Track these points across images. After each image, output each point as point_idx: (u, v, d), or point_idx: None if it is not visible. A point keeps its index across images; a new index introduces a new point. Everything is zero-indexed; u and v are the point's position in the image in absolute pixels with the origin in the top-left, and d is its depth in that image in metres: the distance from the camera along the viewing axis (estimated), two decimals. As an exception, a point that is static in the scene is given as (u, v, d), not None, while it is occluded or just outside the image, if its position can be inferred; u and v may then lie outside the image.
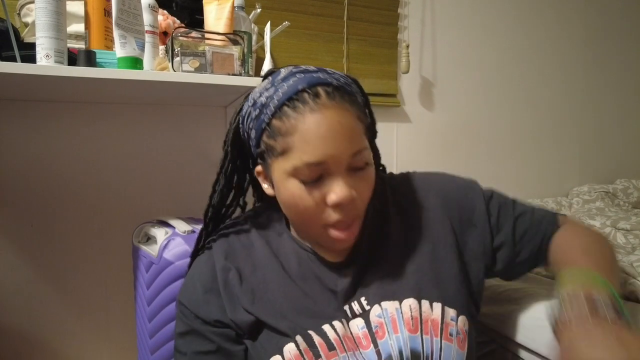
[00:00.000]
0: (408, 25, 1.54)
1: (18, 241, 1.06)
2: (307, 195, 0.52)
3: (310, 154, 0.50)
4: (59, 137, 1.09)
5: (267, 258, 0.60)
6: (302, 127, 0.50)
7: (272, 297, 0.57)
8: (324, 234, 0.55)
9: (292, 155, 0.51)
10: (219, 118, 1.25)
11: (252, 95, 0.57)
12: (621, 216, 1.23)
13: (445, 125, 1.63)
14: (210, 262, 0.61)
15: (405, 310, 0.55)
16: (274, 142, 0.53)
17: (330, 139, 0.50)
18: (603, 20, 1.92)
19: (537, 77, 1.80)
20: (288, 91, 0.52)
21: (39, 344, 1.09)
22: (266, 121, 0.53)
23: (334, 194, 0.51)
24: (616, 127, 1.98)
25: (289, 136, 0.51)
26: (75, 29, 0.92)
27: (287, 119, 0.51)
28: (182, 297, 0.62)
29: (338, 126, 0.51)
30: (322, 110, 0.51)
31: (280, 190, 0.55)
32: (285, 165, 0.52)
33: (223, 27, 0.93)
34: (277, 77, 0.55)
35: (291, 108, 0.51)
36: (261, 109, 0.54)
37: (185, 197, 1.21)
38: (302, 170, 0.51)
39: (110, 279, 1.14)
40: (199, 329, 0.59)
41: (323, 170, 0.51)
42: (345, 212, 0.53)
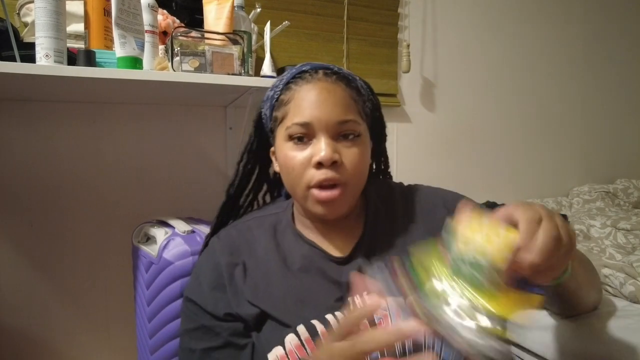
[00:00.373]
0: (408, 25, 1.54)
1: (18, 241, 1.06)
2: (296, 154, 0.59)
3: (299, 115, 0.58)
4: (59, 137, 1.09)
5: (271, 252, 0.63)
6: (297, 95, 0.60)
7: (275, 289, 0.59)
8: (307, 196, 0.59)
9: (287, 119, 0.60)
10: (219, 118, 1.25)
11: (274, 81, 0.66)
12: (621, 216, 1.23)
13: (445, 126, 1.63)
14: (214, 260, 0.63)
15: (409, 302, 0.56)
16: (278, 112, 0.62)
17: (316, 103, 0.58)
18: (603, 20, 1.92)
19: (537, 77, 1.80)
20: (294, 71, 0.62)
21: (39, 344, 1.09)
22: (275, 97, 0.62)
23: (319, 153, 0.57)
24: (616, 127, 1.98)
25: (288, 104, 0.60)
26: (74, 28, 0.92)
27: (289, 91, 0.61)
28: (190, 293, 0.63)
29: (326, 94, 0.59)
30: (316, 82, 0.60)
31: (279, 155, 0.61)
32: (282, 130, 0.60)
33: (223, 27, 0.93)
34: (294, 67, 0.65)
35: (293, 83, 0.61)
36: (274, 89, 0.63)
37: (185, 197, 1.21)
38: (292, 130, 0.58)
39: (110, 279, 1.14)
40: (208, 325, 0.60)
41: (309, 131, 0.58)
42: (327, 173, 0.57)
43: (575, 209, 1.58)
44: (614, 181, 1.80)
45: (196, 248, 0.78)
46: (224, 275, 0.61)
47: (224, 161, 1.26)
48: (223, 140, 1.26)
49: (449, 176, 1.60)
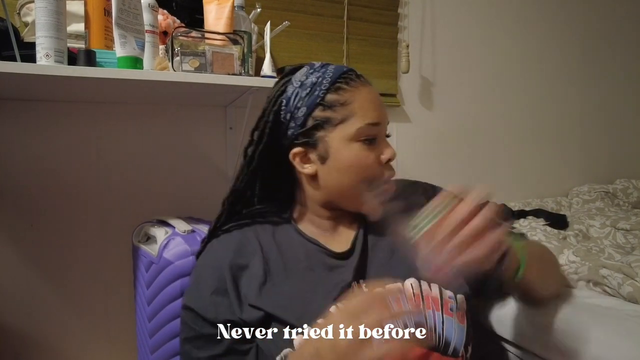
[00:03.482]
0: (408, 25, 1.54)
1: (18, 241, 1.06)
2: (367, 155, 0.61)
3: (370, 116, 0.61)
4: (59, 136, 1.09)
5: (273, 251, 0.63)
6: (360, 97, 0.61)
7: (279, 290, 0.59)
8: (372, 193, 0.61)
9: (353, 120, 0.60)
10: (219, 118, 1.25)
11: (296, 78, 0.64)
12: (621, 216, 1.23)
13: (444, 125, 1.63)
14: (214, 262, 0.62)
15: (407, 288, 0.60)
16: (332, 113, 0.61)
17: (379, 105, 0.63)
18: (603, 20, 1.92)
19: (536, 76, 1.80)
20: (336, 72, 0.63)
21: (39, 344, 1.09)
22: (321, 96, 0.61)
23: (388, 151, 0.62)
24: (616, 127, 1.98)
25: (348, 105, 0.61)
26: (75, 28, 0.92)
27: (344, 92, 0.61)
28: (189, 301, 0.62)
29: (380, 98, 0.64)
30: (368, 85, 0.64)
31: (340, 156, 0.61)
32: (347, 131, 0.60)
33: (223, 27, 0.93)
34: (314, 66, 0.64)
35: (344, 84, 0.62)
36: (312, 87, 0.62)
37: (185, 197, 1.21)
38: (364, 131, 0.60)
39: (110, 279, 1.14)
40: (209, 333, 0.59)
41: (377, 132, 0.62)
42: (392, 169, 0.64)
43: (575, 209, 1.58)
44: (614, 181, 1.80)
45: (196, 248, 0.78)
46: (226, 278, 0.60)
47: (224, 161, 1.26)
48: (223, 140, 1.26)
49: (449, 176, 1.60)
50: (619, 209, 1.46)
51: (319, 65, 0.64)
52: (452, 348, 0.58)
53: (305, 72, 0.64)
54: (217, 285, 0.60)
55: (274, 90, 0.66)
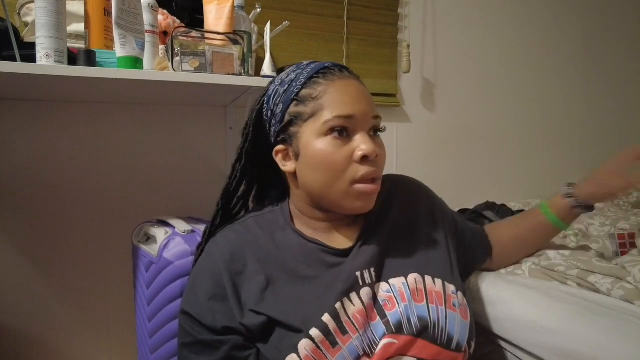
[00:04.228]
0: (408, 25, 1.54)
1: (18, 241, 1.06)
2: (337, 150, 0.57)
3: (340, 108, 0.57)
4: (59, 137, 1.09)
5: (273, 254, 0.61)
6: (333, 89, 0.59)
7: (280, 293, 0.57)
8: (350, 192, 0.59)
9: (323, 113, 0.58)
10: (219, 118, 1.25)
11: (278, 77, 0.65)
12: (621, 216, 1.23)
13: (445, 126, 1.63)
14: (211, 267, 0.60)
15: (411, 282, 0.60)
16: (304, 108, 0.59)
17: (356, 98, 0.59)
18: (603, 20, 1.92)
19: (537, 77, 1.80)
20: (316, 67, 0.61)
21: (39, 344, 1.09)
22: (295, 92, 0.60)
23: (363, 147, 0.57)
24: (616, 127, 1.98)
25: (319, 99, 0.58)
26: (75, 28, 0.92)
27: (318, 86, 0.59)
28: (186, 306, 0.61)
29: (362, 91, 0.61)
30: (348, 79, 0.61)
31: (309, 152, 0.59)
32: (316, 125, 0.58)
33: (223, 27, 0.93)
34: (301, 64, 0.63)
35: (321, 78, 0.60)
36: (290, 83, 0.61)
37: (185, 197, 1.21)
38: (332, 123, 0.57)
39: (110, 278, 1.14)
40: (205, 339, 0.58)
41: (351, 126, 0.58)
42: (371, 167, 0.58)
43: (575, 209, 1.58)
44: (614, 181, 1.80)
45: (196, 248, 0.78)
46: (224, 283, 0.58)
47: (224, 161, 1.26)
48: (223, 140, 1.26)
49: (449, 176, 1.60)
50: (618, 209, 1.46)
51: (305, 64, 0.63)
52: (456, 343, 0.57)
53: (289, 71, 0.63)
54: (214, 292, 0.58)
55: (262, 92, 0.67)
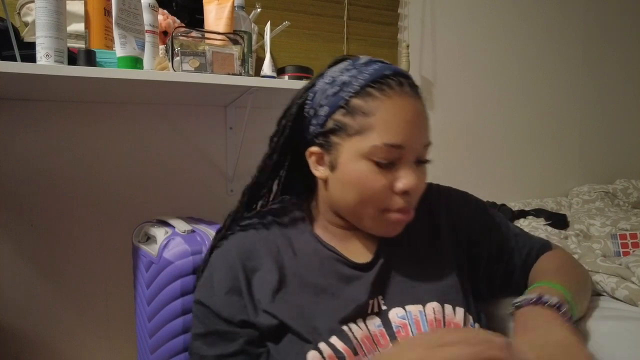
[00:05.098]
0: (408, 25, 1.54)
1: (18, 241, 1.06)
2: (377, 178, 0.53)
3: (391, 135, 0.52)
4: (59, 137, 1.09)
5: (289, 258, 0.59)
6: (387, 109, 0.52)
7: (290, 298, 0.56)
8: (380, 218, 0.56)
9: (370, 134, 0.52)
10: (219, 118, 1.25)
11: (330, 73, 0.58)
12: (621, 216, 1.23)
13: (444, 126, 1.63)
14: (229, 261, 0.59)
15: (429, 312, 0.56)
16: (351, 120, 0.53)
17: (411, 124, 0.53)
18: (603, 20, 1.92)
19: (537, 77, 1.80)
20: (374, 74, 0.54)
21: (39, 344, 1.08)
22: (346, 98, 0.54)
23: (406, 181, 0.53)
24: (616, 127, 1.98)
25: (370, 116, 0.52)
26: (75, 28, 0.92)
27: (372, 99, 0.53)
28: (202, 297, 0.59)
29: (419, 114, 0.54)
30: (407, 97, 0.53)
31: (347, 170, 0.54)
32: (361, 145, 0.53)
33: (223, 27, 0.93)
34: (358, 61, 0.57)
35: (377, 90, 0.53)
36: (341, 86, 0.54)
37: (185, 197, 1.21)
38: (379, 151, 0.52)
39: (110, 278, 1.14)
40: (222, 330, 0.56)
41: (398, 155, 0.53)
42: (409, 200, 0.55)
43: (575, 209, 1.58)
44: (614, 181, 1.80)
45: (196, 248, 0.78)
46: (240, 278, 0.57)
47: (224, 161, 1.26)
48: (223, 140, 1.26)
49: (448, 176, 1.59)
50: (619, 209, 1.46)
51: (363, 62, 0.56)
52: None
53: (342, 68, 0.57)
54: (231, 285, 0.57)
55: (307, 83, 0.61)
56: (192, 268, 0.75)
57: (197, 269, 0.74)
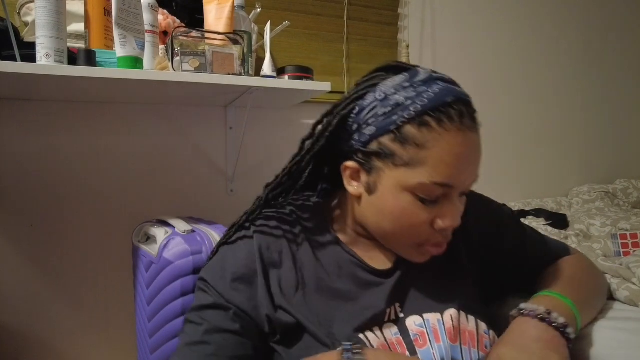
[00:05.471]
0: (408, 25, 1.54)
1: (18, 241, 1.06)
2: (419, 213, 0.50)
3: (443, 175, 0.48)
4: (59, 136, 1.09)
5: (310, 264, 0.57)
6: (444, 145, 0.47)
7: (308, 299, 0.54)
8: (412, 248, 0.54)
9: (420, 169, 0.48)
10: (219, 118, 1.25)
11: (383, 88, 0.52)
12: (621, 216, 1.23)
13: (445, 125, 1.63)
14: (248, 251, 0.56)
15: (447, 320, 0.54)
16: (400, 149, 0.49)
17: (466, 164, 0.49)
18: (603, 20, 1.92)
19: (537, 77, 1.80)
20: (435, 100, 0.48)
21: (39, 343, 1.08)
22: (398, 123, 0.49)
23: (449, 220, 0.50)
24: (616, 127, 1.98)
25: (424, 149, 0.48)
26: (75, 28, 0.92)
27: (428, 131, 0.48)
28: (207, 276, 0.57)
29: (476, 152, 0.50)
30: (467, 132, 0.48)
31: (387, 199, 0.51)
32: (407, 178, 0.49)
33: (223, 27, 0.93)
34: (416, 77, 0.51)
35: (435, 120, 0.48)
36: (394, 108, 0.49)
37: (185, 197, 1.21)
38: (426, 189, 0.49)
39: (110, 278, 1.14)
40: (225, 306, 0.53)
41: (445, 192, 0.50)
42: (447, 234, 0.53)
43: (575, 209, 1.58)
44: (614, 181, 1.80)
45: (196, 248, 0.78)
46: (256, 268, 0.54)
47: (224, 161, 1.26)
48: (223, 140, 1.26)
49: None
50: (619, 209, 1.46)
51: (421, 80, 0.50)
52: None
53: (398, 84, 0.51)
54: (242, 273, 0.54)
55: (355, 89, 0.55)
56: (192, 268, 0.75)
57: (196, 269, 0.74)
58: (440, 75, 0.52)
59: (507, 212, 0.71)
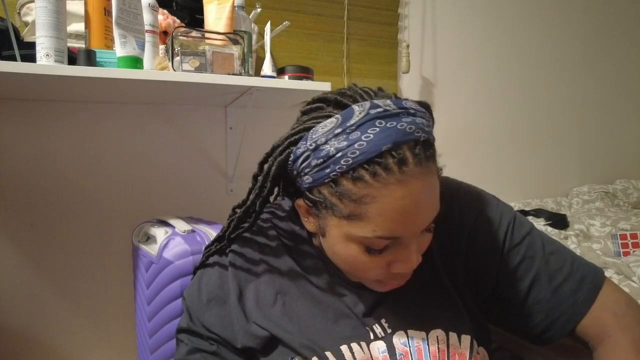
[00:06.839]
0: (408, 25, 1.54)
1: (18, 241, 1.06)
2: (368, 262, 0.47)
3: (386, 229, 0.44)
4: (59, 136, 1.09)
5: (290, 272, 0.56)
6: (383, 200, 0.42)
7: (290, 312, 0.54)
8: (371, 284, 0.52)
9: (362, 224, 0.44)
10: (219, 118, 1.25)
11: (314, 135, 0.46)
12: (621, 216, 1.23)
13: (444, 126, 1.63)
14: (222, 272, 0.57)
15: (432, 341, 0.52)
16: (339, 203, 0.45)
17: (413, 215, 0.44)
18: (603, 20, 1.92)
19: (537, 77, 1.80)
20: (368, 151, 0.42)
21: (39, 344, 1.08)
22: (332, 177, 0.44)
23: (402, 266, 0.47)
24: (616, 127, 1.98)
25: (363, 205, 0.43)
26: (75, 28, 0.92)
27: (364, 186, 0.42)
28: (187, 296, 0.59)
29: (425, 199, 0.44)
30: (409, 182, 0.42)
31: (335, 244, 0.49)
32: (350, 230, 0.45)
33: (223, 27, 0.93)
34: (349, 121, 0.43)
35: (371, 174, 0.42)
36: (326, 160, 0.44)
37: (185, 197, 1.21)
38: (371, 242, 0.45)
39: (110, 278, 1.14)
40: (199, 332, 0.57)
41: (395, 242, 0.46)
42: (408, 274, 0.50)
43: (575, 209, 1.58)
44: (614, 181, 1.81)
45: (196, 248, 0.78)
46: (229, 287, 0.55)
47: (224, 161, 1.26)
48: (223, 140, 1.26)
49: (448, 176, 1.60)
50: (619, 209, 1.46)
51: (354, 124, 0.43)
52: None
53: (329, 131, 0.44)
54: (215, 294, 0.56)
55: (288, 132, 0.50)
56: (192, 268, 0.75)
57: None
58: (382, 108, 0.44)
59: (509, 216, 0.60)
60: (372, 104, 0.44)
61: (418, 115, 0.45)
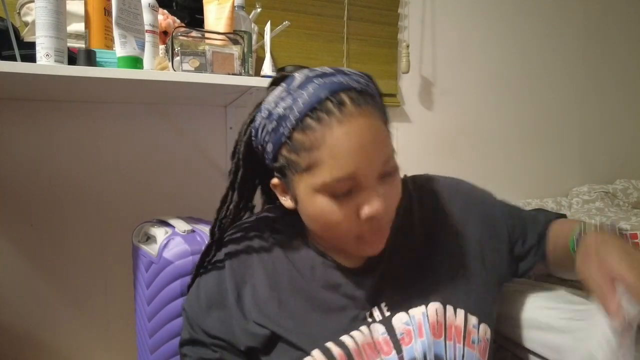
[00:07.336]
0: (408, 25, 1.54)
1: (18, 241, 1.06)
2: (337, 210, 0.49)
3: (340, 168, 0.47)
4: (59, 136, 1.09)
5: (284, 267, 0.57)
6: (330, 141, 0.47)
7: (287, 308, 0.54)
8: (354, 245, 0.53)
9: (319, 170, 0.48)
10: (219, 118, 1.25)
11: (266, 105, 0.53)
12: (621, 216, 1.23)
13: (444, 125, 1.63)
14: (219, 274, 0.58)
15: (431, 314, 0.54)
16: (297, 157, 0.49)
17: (361, 151, 0.47)
18: (603, 20, 1.92)
19: (537, 77, 1.80)
20: (310, 101, 0.48)
21: (39, 344, 1.09)
22: (286, 134, 0.49)
23: (368, 208, 0.49)
24: (616, 128, 1.98)
25: (315, 150, 0.47)
26: (75, 28, 0.92)
27: (312, 132, 0.47)
28: (187, 306, 0.59)
29: (368, 136, 0.48)
30: (350, 119, 0.47)
31: (306, 205, 0.52)
32: (312, 181, 0.49)
33: (223, 27, 0.93)
34: (292, 83, 0.50)
35: (315, 120, 0.47)
36: (279, 121, 0.49)
37: (185, 197, 1.21)
38: (331, 186, 0.48)
39: (110, 278, 1.14)
40: (202, 340, 0.56)
41: (354, 183, 0.48)
42: (380, 221, 0.51)
43: (575, 209, 1.59)
44: (614, 181, 1.81)
45: (196, 248, 0.78)
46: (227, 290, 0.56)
47: (224, 161, 1.26)
48: (223, 140, 1.26)
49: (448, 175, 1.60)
50: (619, 209, 1.46)
51: (296, 86, 0.50)
52: None
53: (276, 97, 0.51)
54: (215, 299, 0.56)
55: (248, 116, 0.57)
56: (192, 268, 0.75)
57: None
58: (319, 71, 0.51)
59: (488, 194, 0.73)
60: (310, 69, 0.53)
61: (354, 76, 0.51)
